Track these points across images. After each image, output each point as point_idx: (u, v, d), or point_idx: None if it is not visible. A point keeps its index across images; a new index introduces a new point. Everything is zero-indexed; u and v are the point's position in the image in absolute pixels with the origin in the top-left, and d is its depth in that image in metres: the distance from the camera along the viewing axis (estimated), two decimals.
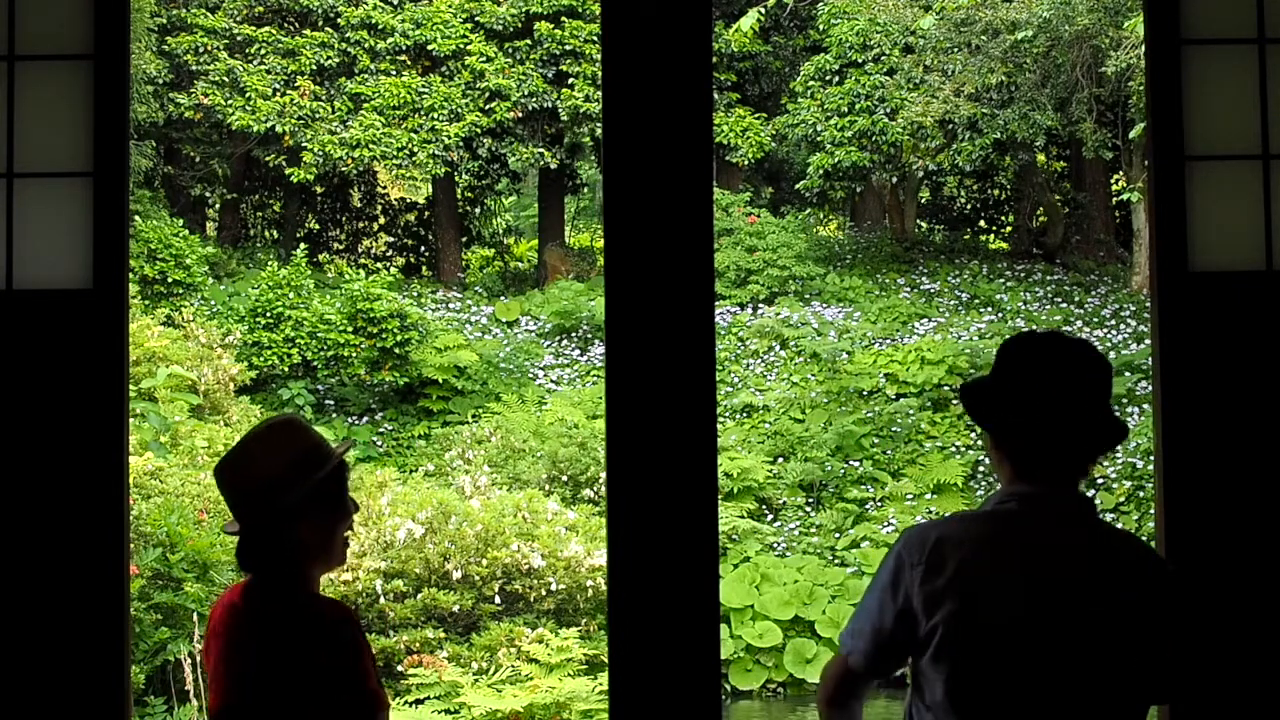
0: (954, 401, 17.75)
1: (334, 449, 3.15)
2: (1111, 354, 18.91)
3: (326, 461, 3.10)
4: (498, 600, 12.76)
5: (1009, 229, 25.67)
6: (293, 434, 3.12)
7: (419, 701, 11.50)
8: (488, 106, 22.40)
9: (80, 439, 3.69)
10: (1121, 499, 16.42)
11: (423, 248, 27.09)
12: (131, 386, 10.05)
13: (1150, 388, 9.28)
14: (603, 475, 7.38)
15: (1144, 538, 16.78)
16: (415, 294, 21.81)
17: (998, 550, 2.80)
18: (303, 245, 22.20)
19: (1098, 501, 16.50)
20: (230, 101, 21.90)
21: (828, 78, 22.14)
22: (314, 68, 22.51)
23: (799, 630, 14.87)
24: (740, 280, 21.18)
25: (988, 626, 2.74)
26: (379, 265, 24.12)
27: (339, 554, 3.16)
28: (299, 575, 3.09)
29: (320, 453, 3.11)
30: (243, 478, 3.08)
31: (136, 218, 19.22)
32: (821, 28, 22.68)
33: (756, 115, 23.41)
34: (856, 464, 17.28)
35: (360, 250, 26.86)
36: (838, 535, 16.28)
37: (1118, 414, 3.08)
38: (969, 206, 27.11)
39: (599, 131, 21.71)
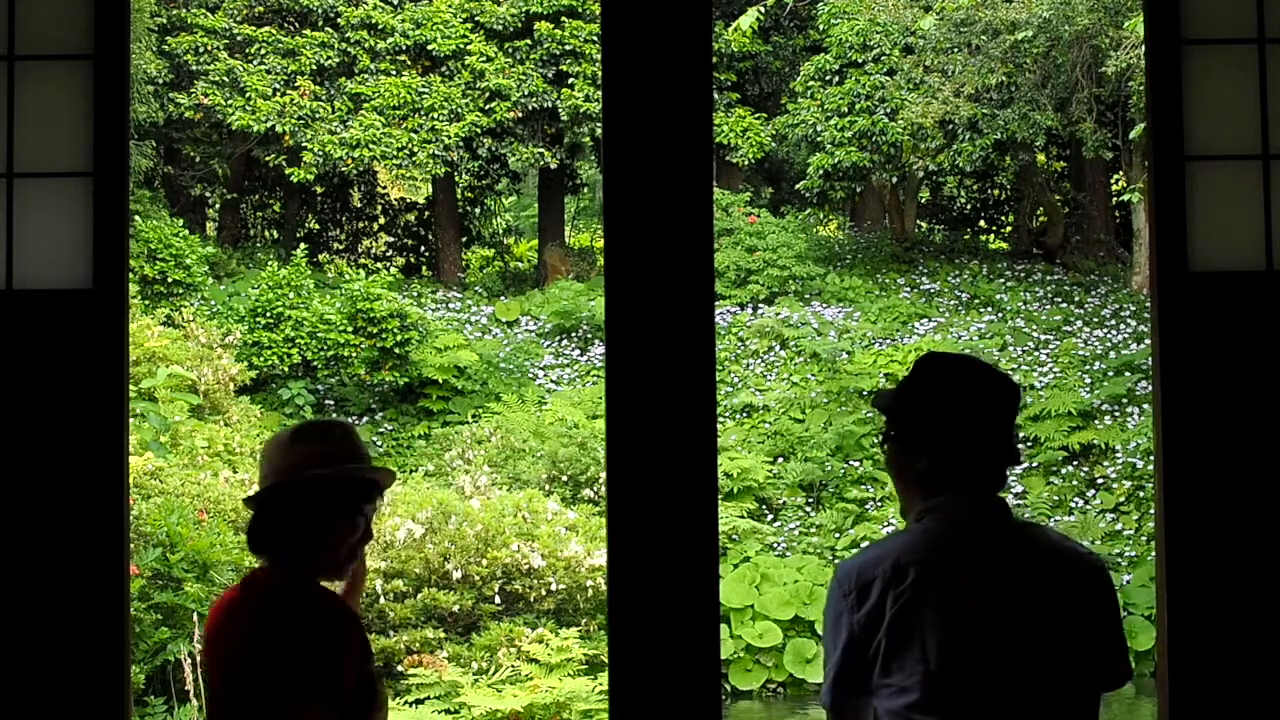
0: None
1: (366, 468, 3.15)
2: (1111, 354, 18.91)
3: (347, 465, 3.11)
4: (498, 600, 12.76)
5: (1009, 229, 25.67)
6: (328, 433, 3.17)
7: (419, 701, 11.50)
8: (488, 106, 22.40)
9: (80, 439, 3.68)
10: (1121, 499, 16.41)
11: (423, 248, 27.09)
12: (131, 386, 10.05)
13: (1150, 388, 9.27)
14: (603, 475, 7.37)
15: (1144, 538, 16.58)
16: (415, 294, 21.81)
17: (931, 558, 2.90)
18: (303, 245, 22.20)
19: (1098, 501, 16.50)
20: (230, 101, 21.90)
21: (828, 78, 22.14)
22: (314, 68, 22.50)
23: (799, 630, 14.87)
24: (740, 280, 21.17)
25: (934, 633, 2.84)
26: (379, 265, 24.13)
27: (337, 564, 3.13)
28: (294, 567, 3.09)
29: (344, 458, 3.13)
30: (265, 453, 3.16)
31: (136, 218, 19.21)
32: (821, 28, 22.68)
33: (756, 115, 23.41)
34: (856, 464, 17.28)
35: (360, 250, 26.86)
36: (838, 535, 16.28)
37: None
38: (969, 206, 27.10)
39: (599, 131, 21.70)
